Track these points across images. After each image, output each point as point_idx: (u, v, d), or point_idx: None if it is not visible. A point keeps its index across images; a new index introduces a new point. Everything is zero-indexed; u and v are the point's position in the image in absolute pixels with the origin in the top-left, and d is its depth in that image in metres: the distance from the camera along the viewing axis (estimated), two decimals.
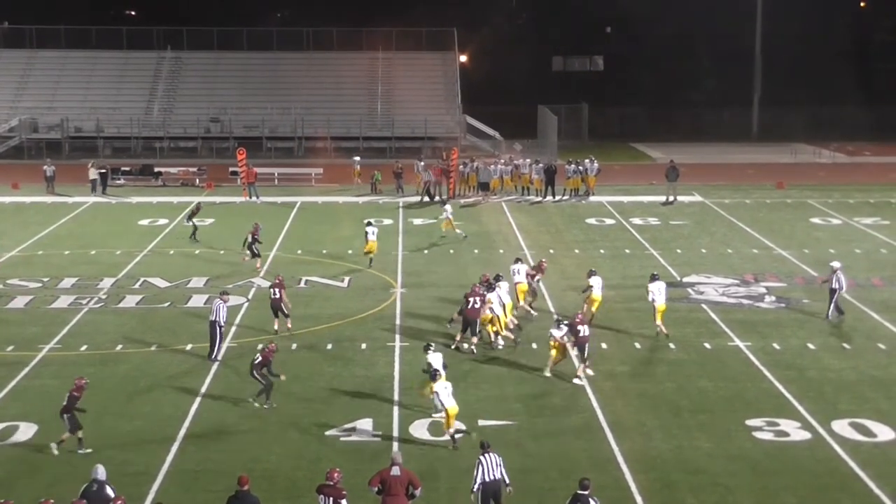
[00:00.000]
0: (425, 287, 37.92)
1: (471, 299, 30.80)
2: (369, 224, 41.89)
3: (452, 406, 24.35)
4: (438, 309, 34.69)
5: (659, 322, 32.34)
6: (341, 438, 24.78)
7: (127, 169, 62.52)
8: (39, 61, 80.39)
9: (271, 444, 24.48)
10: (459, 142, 72.03)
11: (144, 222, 50.14)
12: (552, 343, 29.13)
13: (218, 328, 30.26)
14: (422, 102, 77.97)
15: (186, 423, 25.54)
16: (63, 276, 39.49)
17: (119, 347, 31.34)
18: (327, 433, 25.03)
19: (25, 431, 25.05)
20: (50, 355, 30.54)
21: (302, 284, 38.37)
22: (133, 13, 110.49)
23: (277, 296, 32.25)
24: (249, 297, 36.71)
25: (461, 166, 57.33)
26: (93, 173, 57.83)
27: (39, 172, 58.52)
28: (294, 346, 31.09)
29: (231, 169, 61.02)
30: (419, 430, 25.18)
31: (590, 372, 29.06)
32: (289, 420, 25.85)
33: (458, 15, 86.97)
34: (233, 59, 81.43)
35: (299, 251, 43.67)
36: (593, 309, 33.39)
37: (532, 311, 34.43)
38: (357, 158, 61.87)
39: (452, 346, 31.08)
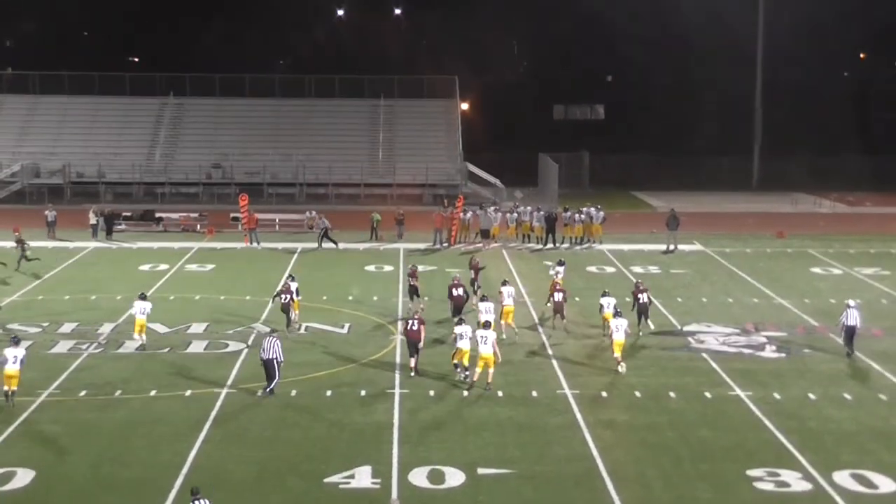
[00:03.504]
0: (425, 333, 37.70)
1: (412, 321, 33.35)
2: None
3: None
4: (438, 356, 34.58)
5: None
6: (340, 486, 24.66)
7: (128, 214, 62.62)
8: (42, 107, 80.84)
9: (270, 491, 24.36)
10: (461, 189, 72.28)
11: (145, 267, 50.16)
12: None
13: (276, 365, 30.61)
14: (423, 150, 78.29)
15: (185, 470, 25.41)
16: (63, 321, 39.43)
17: (118, 393, 31.24)
18: (326, 480, 24.90)
19: (23, 478, 24.88)
20: (49, 400, 30.43)
21: (302, 331, 38.30)
22: (136, 59, 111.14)
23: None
24: (249, 343, 36.64)
25: (462, 213, 57.49)
26: (93, 218, 57.93)
27: (41, 217, 58.60)
28: (294, 392, 31.01)
29: (232, 215, 61.15)
30: (418, 477, 25.06)
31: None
32: (287, 467, 25.72)
33: (459, 63, 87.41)
34: (235, 106, 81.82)
35: (299, 297, 43.51)
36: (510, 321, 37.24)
37: (514, 329, 37.03)
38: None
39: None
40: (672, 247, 55.37)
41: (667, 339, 37.71)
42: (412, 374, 32.87)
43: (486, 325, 32.54)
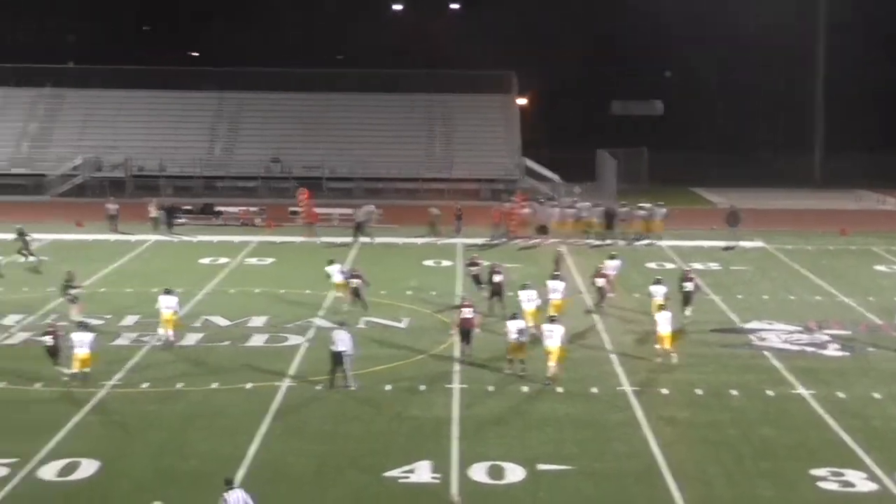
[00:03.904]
0: (483, 329, 37.54)
1: (464, 309, 34.06)
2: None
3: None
4: (496, 350, 34.44)
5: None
6: (400, 480, 24.67)
7: (188, 208, 62.99)
8: (104, 101, 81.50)
9: (330, 485, 24.43)
10: (518, 184, 72.16)
11: (205, 261, 50.51)
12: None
13: (346, 357, 30.75)
14: (481, 145, 78.24)
15: (245, 463, 25.52)
16: (125, 313, 39.70)
17: (179, 385, 31.46)
18: (386, 474, 24.93)
19: (87, 468, 25.14)
20: (112, 392, 30.73)
21: (361, 325, 38.32)
22: (196, 54, 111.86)
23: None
24: (308, 336, 36.78)
25: (521, 209, 57.43)
26: (153, 211, 58.48)
27: (103, 210, 59.17)
28: (353, 386, 31.04)
29: (291, 209, 61.37)
30: (478, 473, 25.01)
31: None
32: (347, 461, 25.79)
33: (518, 58, 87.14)
34: (293, 100, 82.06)
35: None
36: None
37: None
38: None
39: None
40: (732, 243, 54.92)
41: (728, 337, 37.41)
42: (465, 359, 33.57)
43: (553, 319, 32.59)
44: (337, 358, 30.86)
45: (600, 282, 40.07)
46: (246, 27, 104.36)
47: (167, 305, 35.44)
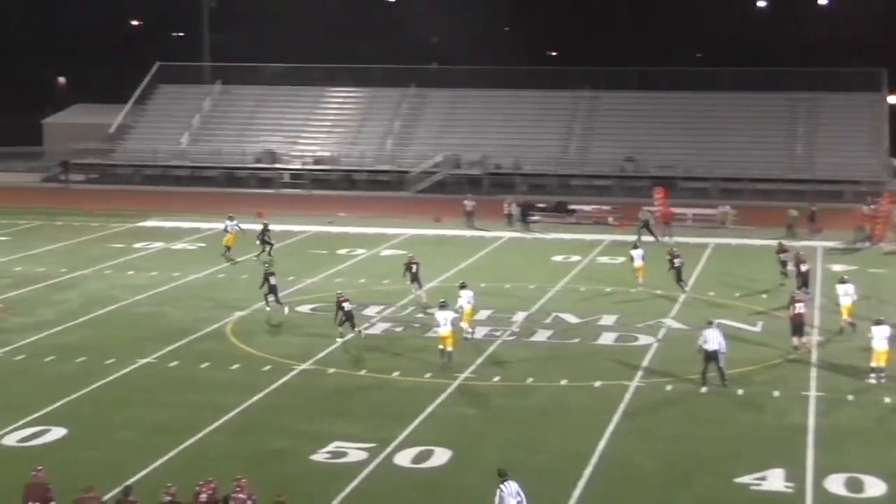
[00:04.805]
0: (845, 336, 36.01)
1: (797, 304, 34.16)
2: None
3: None
4: (858, 359, 32.89)
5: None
6: (751, 487, 23.97)
7: (542, 205, 63.72)
8: (464, 100, 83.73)
9: (678, 487, 24.05)
10: (886, 186, 68.78)
11: (558, 258, 50.92)
12: None
13: (721, 356, 30.49)
14: (844, 145, 75.24)
15: (593, 461, 25.48)
16: (479, 308, 40.30)
17: (529, 380, 31.81)
18: (736, 480, 24.28)
19: (440, 457, 25.79)
20: (465, 384, 31.42)
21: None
22: (554, 54, 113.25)
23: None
24: (659, 337, 36.40)
25: (888, 212, 54.87)
26: (508, 208, 59.59)
27: (460, 207, 60.71)
28: (704, 389, 30.46)
29: (645, 208, 60.81)
30: (835, 484, 23.96)
31: None
32: (697, 463, 25.36)
33: (888, 55, 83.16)
34: (648, 99, 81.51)
35: (711, 293, 42.89)
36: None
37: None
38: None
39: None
40: None
41: None
42: (797, 350, 33.90)
43: (879, 321, 31.21)
44: (709, 356, 30.42)
45: None
46: (604, 27, 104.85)
47: (467, 300, 36.00)
